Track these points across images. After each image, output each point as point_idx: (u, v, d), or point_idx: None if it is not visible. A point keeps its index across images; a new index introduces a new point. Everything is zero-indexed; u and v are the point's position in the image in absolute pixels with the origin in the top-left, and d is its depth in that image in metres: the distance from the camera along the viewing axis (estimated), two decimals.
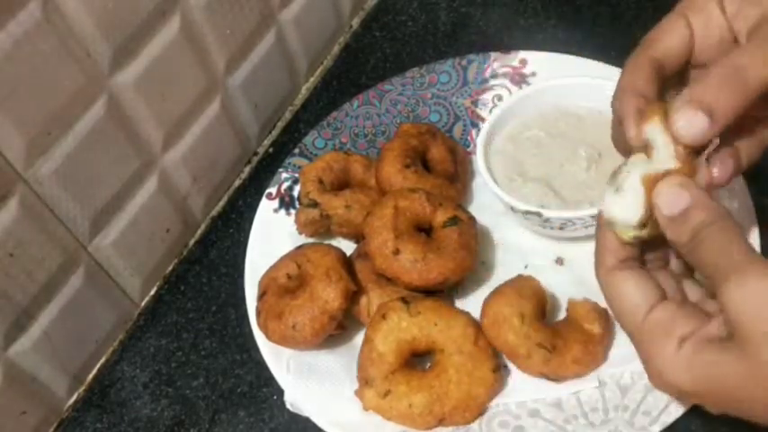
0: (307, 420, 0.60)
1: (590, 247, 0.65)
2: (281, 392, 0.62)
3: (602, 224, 0.44)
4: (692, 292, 0.47)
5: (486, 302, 0.60)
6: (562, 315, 0.62)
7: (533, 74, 0.76)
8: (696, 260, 0.41)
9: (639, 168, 0.40)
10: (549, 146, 0.68)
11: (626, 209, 0.41)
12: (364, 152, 0.75)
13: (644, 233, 0.41)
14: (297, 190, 0.72)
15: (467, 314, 0.59)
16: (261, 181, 0.77)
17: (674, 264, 0.49)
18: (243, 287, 0.67)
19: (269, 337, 0.62)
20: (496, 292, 0.60)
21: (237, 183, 0.80)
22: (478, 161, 0.66)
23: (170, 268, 0.75)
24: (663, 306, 0.43)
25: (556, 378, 0.58)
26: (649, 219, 0.41)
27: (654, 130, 0.40)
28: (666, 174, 0.40)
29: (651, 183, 0.40)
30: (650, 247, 0.46)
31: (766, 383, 0.38)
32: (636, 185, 0.40)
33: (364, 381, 0.58)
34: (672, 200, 0.40)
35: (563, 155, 0.67)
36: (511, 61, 0.77)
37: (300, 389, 0.61)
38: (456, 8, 0.88)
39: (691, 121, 0.40)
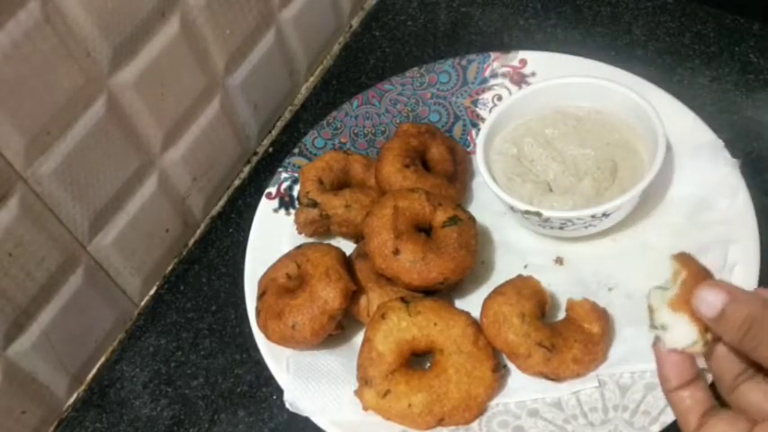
0: (306, 420, 0.60)
1: (590, 247, 0.66)
2: (280, 392, 0.62)
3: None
4: None
5: (486, 302, 0.60)
6: (562, 315, 0.62)
7: (533, 74, 0.76)
8: (762, 358, 0.42)
9: (662, 300, 0.45)
10: (549, 146, 0.68)
11: (684, 336, 0.44)
12: (364, 152, 0.75)
13: (709, 337, 0.44)
14: (296, 190, 0.72)
15: (467, 314, 0.59)
16: (260, 181, 0.77)
17: None
18: (242, 287, 0.67)
19: (269, 336, 0.62)
20: (496, 291, 0.60)
21: (237, 183, 0.80)
22: (478, 161, 0.66)
23: (170, 268, 0.75)
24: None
25: (556, 378, 0.58)
26: (705, 328, 0.44)
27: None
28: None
29: (680, 303, 0.44)
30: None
31: None
32: (673, 314, 0.44)
33: (364, 381, 0.58)
34: (710, 301, 0.42)
35: (563, 155, 0.67)
36: (511, 61, 0.77)
37: (300, 389, 0.61)
38: (456, 8, 0.88)
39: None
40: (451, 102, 0.77)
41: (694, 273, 0.44)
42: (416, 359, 0.60)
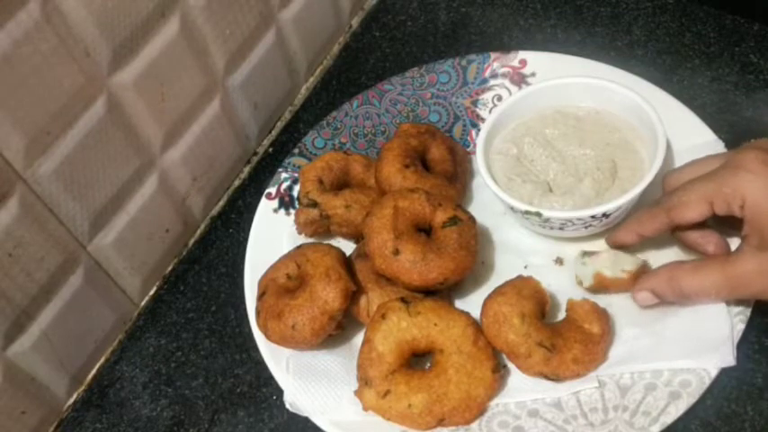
0: (306, 420, 0.60)
1: (590, 247, 0.66)
2: (280, 392, 0.62)
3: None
4: None
5: (487, 302, 0.60)
6: (562, 315, 0.62)
7: (533, 74, 0.76)
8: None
9: (596, 264, 0.62)
10: (549, 146, 0.68)
11: (586, 277, 0.63)
12: (364, 152, 0.75)
13: (589, 288, 0.63)
14: (296, 190, 0.72)
15: (466, 314, 0.59)
16: (260, 181, 0.77)
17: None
18: (242, 287, 0.67)
19: (268, 336, 0.62)
20: (496, 291, 0.60)
21: (237, 183, 0.80)
22: (478, 161, 0.66)
23: (169, 268, 0.75)
24: None
25: (556, 378, 0.58)
26: (594, 286, 0.63)
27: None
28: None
29: (601, 278, 0.62)
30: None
31: None
32: (592, 272, 0.62)
33: (364, 381, 0.58)
34: (643, 297, 0.60)
35: (562, 155, 0.67)
36: (511, 61, 0.77)
37: (300, 389, 0.61)
38: (456, 8, 0.88)
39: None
40: (451, 102, 0.77)
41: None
42: (416, 359, 0.60)
